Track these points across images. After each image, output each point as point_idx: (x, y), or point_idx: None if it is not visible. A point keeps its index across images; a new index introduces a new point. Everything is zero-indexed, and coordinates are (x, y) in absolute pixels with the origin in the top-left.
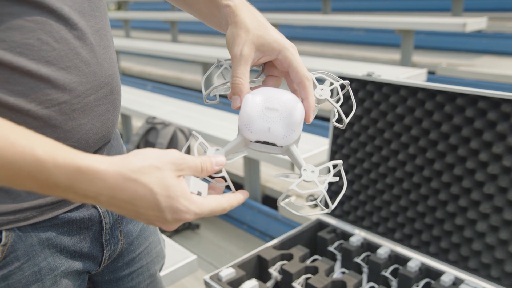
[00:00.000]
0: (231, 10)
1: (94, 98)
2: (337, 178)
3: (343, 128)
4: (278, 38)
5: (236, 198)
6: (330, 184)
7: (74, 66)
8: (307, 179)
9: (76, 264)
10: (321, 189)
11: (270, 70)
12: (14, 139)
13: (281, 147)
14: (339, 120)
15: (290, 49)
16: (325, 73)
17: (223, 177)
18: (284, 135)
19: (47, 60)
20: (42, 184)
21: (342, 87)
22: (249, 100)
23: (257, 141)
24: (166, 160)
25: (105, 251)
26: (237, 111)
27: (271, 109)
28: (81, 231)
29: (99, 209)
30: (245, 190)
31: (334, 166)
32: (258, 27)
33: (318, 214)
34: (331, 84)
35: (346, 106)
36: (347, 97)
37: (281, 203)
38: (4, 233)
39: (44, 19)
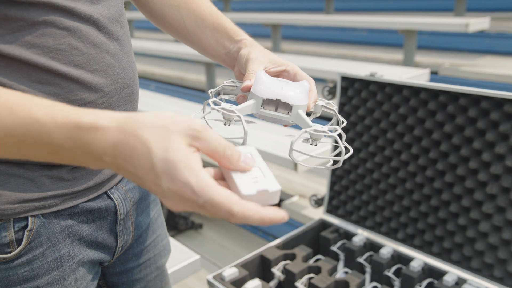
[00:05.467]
0: (248, 41)
1: (116, 99)
2: (342, 146)
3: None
4: (285, 60)
5: (257, 210)
6: (333, 183)
7: (101, 69)
8: (319, 128)
9: (93, 253)
10: (334, 135)
11: None
12: (13, 105)
13: (291, 111)
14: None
15: (295, 65)
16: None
17: None
18: (295, 95)
19: (77, 64)
20: (49, 149)
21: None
22: (262, 71)
23: (268, 103)
24: (180, 123)
25: (118, 241)
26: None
27: (282, 80)
28: (97, 220)
29: (115, 199)
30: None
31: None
32: (269, 52)
33: (333, 158)
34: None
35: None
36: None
37: (294, 147)
38: (30, 219)
39: (76, 25)
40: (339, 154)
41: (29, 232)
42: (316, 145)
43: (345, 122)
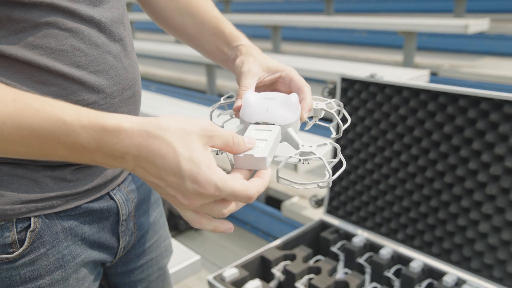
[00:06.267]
0: (244, 48)
1: (119, 100)
2: (337, 160)
3: (340, 136)
4: (281, 63)
5: (263, 183)
6: (333, 184)
7: (103, 70)
8: (305, 149)
9: (95, 254)
10: (320, 156)
11: None
12: (39, 107)
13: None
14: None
15: (291, 69)
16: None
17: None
18: (281, 115)
19: (79, 64)
20: (72, 148)
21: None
22: (250, 92)
23: (256, 124)
24: (195, 125)
25: (121, 242)
26: None
27: (270, 98)
28: (100, 221)
29: (117, 200)
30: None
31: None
32: (264, 57)
33: (320, 182)
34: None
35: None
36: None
37: (280, 175)
38: (32, 220)
39: (78, 26)
40: (336, 166)
41: (31, 233)
42: (308, 163)
43: (349, 121)
